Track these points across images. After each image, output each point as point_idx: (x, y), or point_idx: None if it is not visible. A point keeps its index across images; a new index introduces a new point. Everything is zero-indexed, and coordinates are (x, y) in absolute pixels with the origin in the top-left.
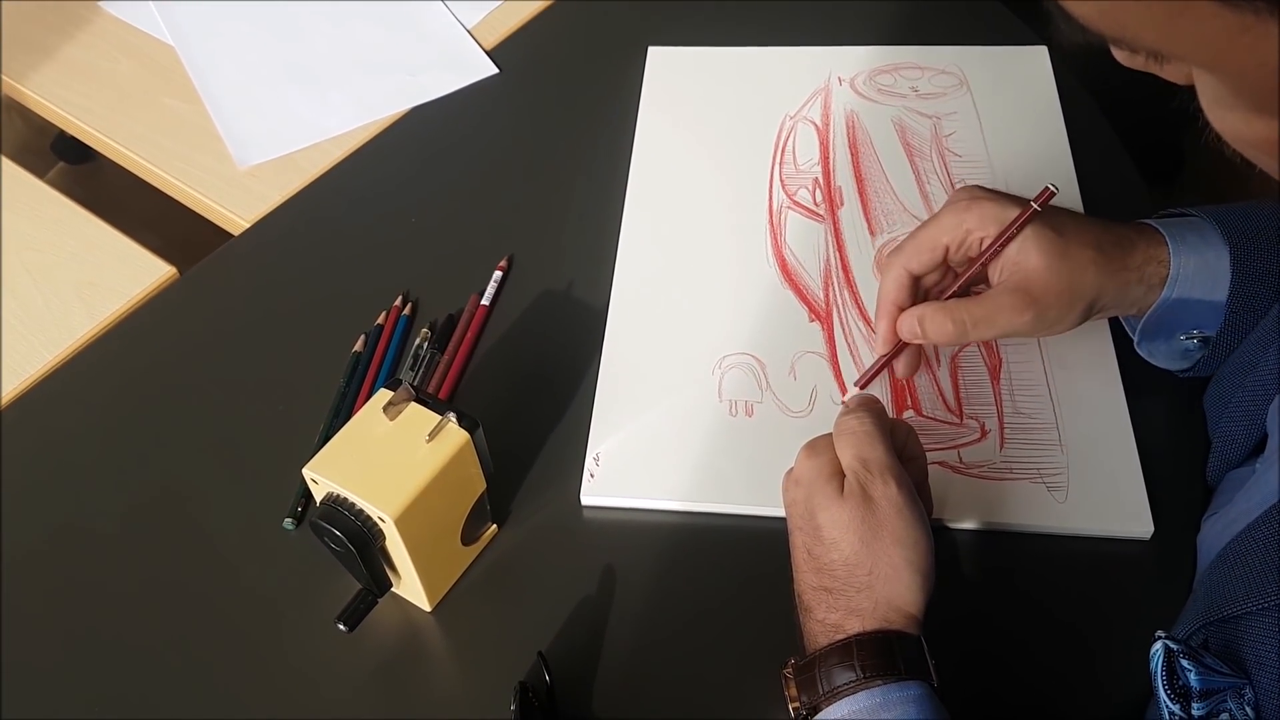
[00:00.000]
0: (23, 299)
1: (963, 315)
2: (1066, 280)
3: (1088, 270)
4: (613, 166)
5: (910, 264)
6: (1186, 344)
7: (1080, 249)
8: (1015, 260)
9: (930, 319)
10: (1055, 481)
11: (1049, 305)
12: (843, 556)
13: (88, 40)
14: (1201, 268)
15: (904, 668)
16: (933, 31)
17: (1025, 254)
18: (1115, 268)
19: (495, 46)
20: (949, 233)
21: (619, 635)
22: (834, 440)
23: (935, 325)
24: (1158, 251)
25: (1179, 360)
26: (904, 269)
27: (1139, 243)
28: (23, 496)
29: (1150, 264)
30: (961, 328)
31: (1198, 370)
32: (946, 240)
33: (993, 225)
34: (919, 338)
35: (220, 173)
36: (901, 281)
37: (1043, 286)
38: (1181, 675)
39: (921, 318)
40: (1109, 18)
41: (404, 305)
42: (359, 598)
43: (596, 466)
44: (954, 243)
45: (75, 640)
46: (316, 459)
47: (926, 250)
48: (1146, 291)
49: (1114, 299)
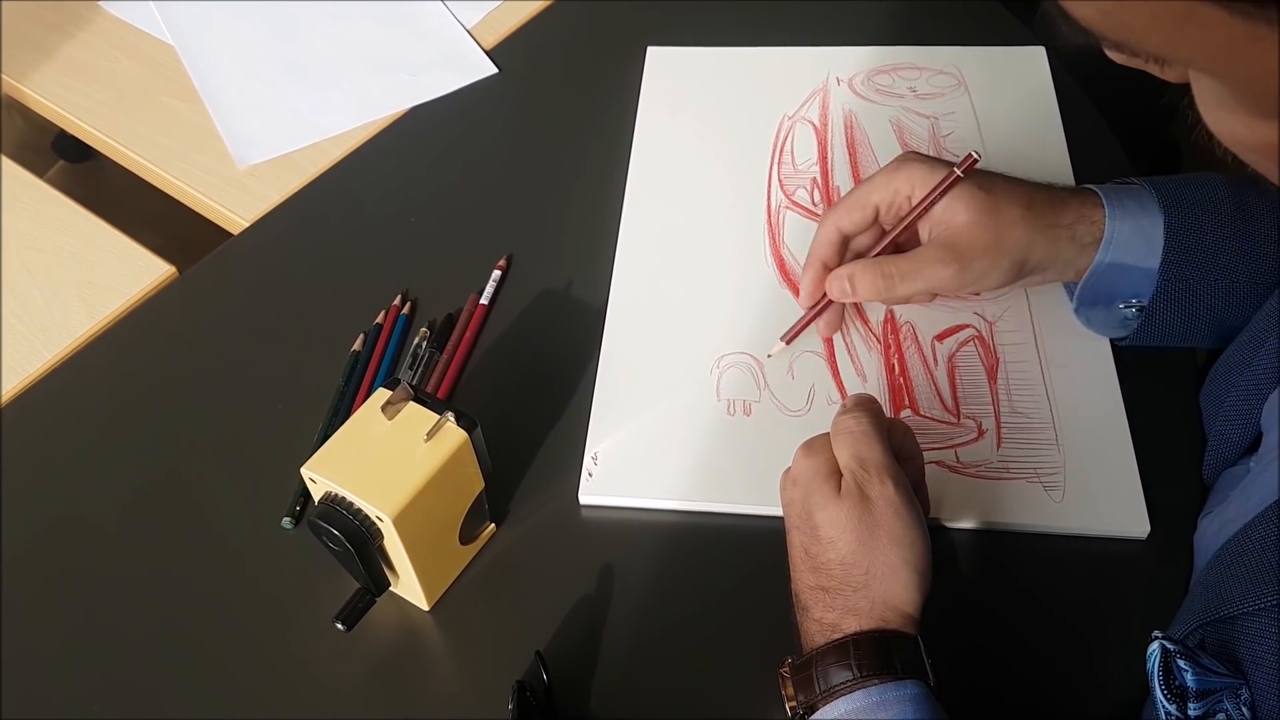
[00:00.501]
0: (23, 298)
1: (890, 269)
2: (993, 235)
3: (1016, 226)
4: (612, 166)
5: (841, 222)
6: (1125, 312)
7: (1009, 206)
8: (943, 218)
9: (859, 275)
10: (1052, 481)
11: (974, 259)
12: (840, 556)
13: (88, 40)
14: (1136, 232)
15: (900, 667)
16: (931, 32)
17: (952, 211)
18: (1044, 224)
19: (495, 46)
20: (878, 191)
21: (617, 634)
22: (831, 440)
23: (864, 281)
24: (1092, 212)
25: (1117, 328)
26: (835, 227)
27: (1072, 202)
28: (22, 495)
29: (1082, 223)
30: (890, 281)
31: (1134, 339)
32: (876, 199)
33: (920, 186)
34: (849, 296)
35: (220, 172)
36: (832, 239)
37: (968, 241)
38: (1178, 675)
39: (851, 275)
40: (1113, 21)
41: (403, 304)
42: (357, 597)
43: (595, 465)
44: (884, 202)
45: (74, 638)
46: (315, 458)
47: (857, 209)
48: (1079, 251)
49: (1045, 256)
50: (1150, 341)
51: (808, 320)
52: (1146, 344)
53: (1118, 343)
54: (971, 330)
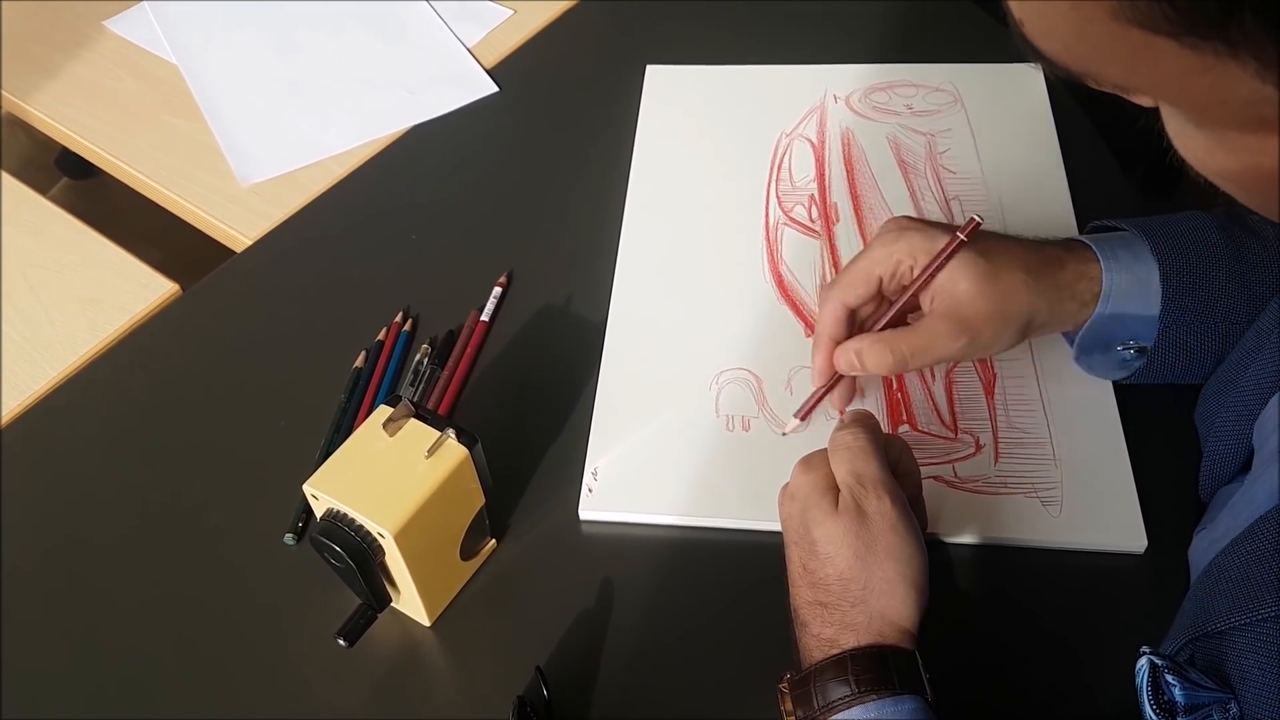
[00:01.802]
0: (27, 315)
1: (901, 346)
2: (997, 303)
3: (1019, 291)
4: (611, 183)
5: (846, 297)
6: (1124, 354)
7: (1010, 271)
8: (945, 288)
9: (868, 352)
10: (1049, 496)
11: (981, 329)
12: (837, 571)
13: (92, 59)
14: (1134, 283)
15: (898, 682)
16: (927, 49)
17: (954, 281)
18: (1046, 286)
19: (495, 65)
20: (881, 264)
21: (617, 649)
22: (829, 455)
23: (874, 357)
24: (1089, 269)
25: (1117, 370)
26: (840, 303)
27: (1069, 261)
28: (25, 511)
29: (1081, 280)
30: (901, 358)
31: (1136, 379)
32: (879, 272)
33: (921, 254)
34: (857, 370)
35: (223, 190)
36: (838, 316)
37: (973, 311)
38: (1166, 690)
39: (859, 351)
40: (1074, 55)
41: (404, 321)
42: (359, 613)
43: (594, 481)
44: (886, 273)
45: (77, 654)
46: (317, 475)
47: (861, 283)
48: (1080, 308)
49: (1048, 317)
50: (1153, 381)
51: (819, 396)
52: (1149, 383)
53: (1120, 383)
54: None
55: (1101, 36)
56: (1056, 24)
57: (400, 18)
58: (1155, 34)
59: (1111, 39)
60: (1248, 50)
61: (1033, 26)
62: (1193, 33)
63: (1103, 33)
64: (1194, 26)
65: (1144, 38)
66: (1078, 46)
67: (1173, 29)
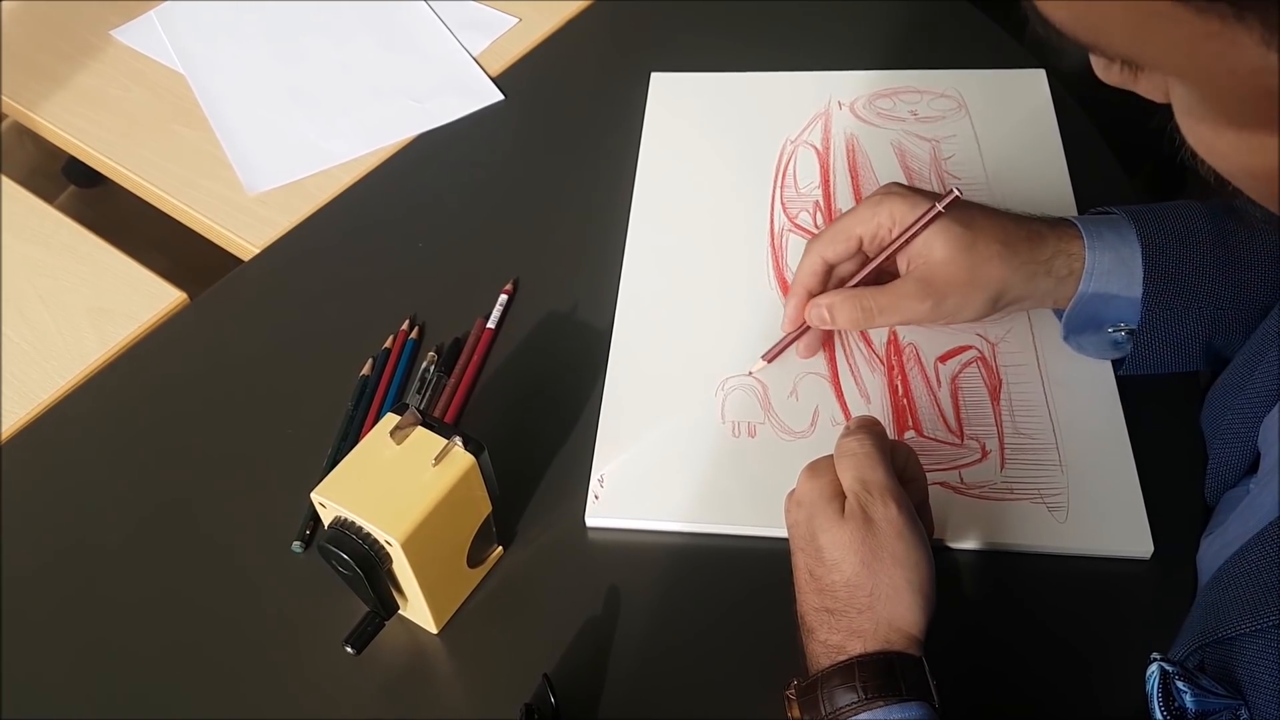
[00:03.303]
0: (35, 324)
1: (869, 303)
2: (968, 272)
3: (991, 263)
4: (616, 190)
5: (825, 252)
6: (1114, 336)
7: (986, 244)
8: (921, 252)
9: (839, 306)
10: (1055, 502)
11: (947, 295)
12: (844, 578)
13: (99, 68)
14: (1118, 264)
15: (906, 688)
16: (931, 55)
17: (930, 247)
18: (1020, 260)
19: (501, 73)
20: (862, 224)
21: (624, 656)
22: (835, 462)
23: (843, 312)
24: (1069, 245)
25: (1109, 351)
26: (820, 256)
27: (1050, 237)
28: (34, 520)
29: (1059, 257)
30: (868, 314)
31: (1129, 369)
32: (860, 231)
33: (901, 219)
34: (827, 323)
35: (230, 199)
36: (816, 268)
37: (944, 278)
38: (1177, 697)
39: (830, 305)
40: (1083, 22)
41: (411, 329)
42: (366, 620)
43: (601, 488)
44: (867, 234)
45: (85, 662)
46: (324, 483)
47: (841, 240)
48: (1056, 284)
49: (1021, 291)
50: (1145, 370)
51: (787, 342)
52: (1142, 372)
53: (1116, 369)
54: (974, 351)
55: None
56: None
57: (406, 26)
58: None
59: (1121, 4)
60: (1254, 14)
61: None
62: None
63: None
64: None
65: (1152, 3)
66: (1087, 15)
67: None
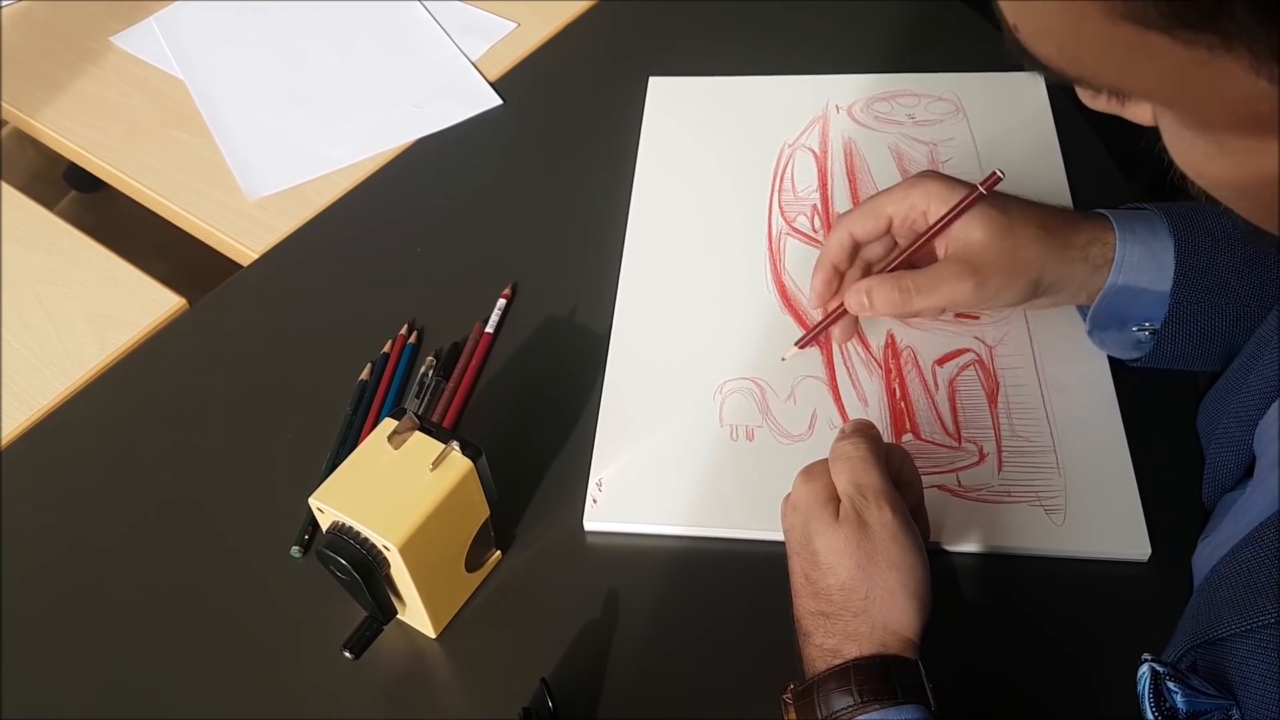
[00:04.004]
0: (35, 330)
1: (907, 283)
2: (1010, 254)
3: (1030, 245)
4: (615, 194)
5: (854, 228)
6: (1138, 335)
7: (1024, 226)
8: (960, 235)
9: (877, 289)
10: (1053, 504)
11: (989, 275)
12: (839, 581)
13: (99, 75)
14: (1148, 256)
15: (901, 691)
16: (929, 59)
17: (970, 229)
18: (1058, 244)
19: (499, 78)
20: (895, 204)
21: (622, 660)
22: (830, 466)
23: (881, 295)
24: (1103, 234)
25: (1130, 349)
26: (848, 232)
27: (1084, 225)
28: (34, 525)
29: (1095, 245)
30: (907, 295)
31: (1147, 361)
32: (892, 211)
33: (937, 202)
34: (866, 310)
35: (229, 204)
36: (844, 243)
37: (985, 258)
38: (1168, 698)
39: (869, 289)
40: (1068, 56)
41: (410, 333)
42: (364, 625)
43: (599, 492)
44: (899, 214)
45: (83, 665)
46: (322, 488)
47: (871, 217)
48: (1092, 272)
49: (1058, 276)
50: (1163, 364)
51: (823, 325)
52: (1159, 366)
53: (1130, 363)
54: (972, 354)
55: (1096, 36)
56: (1050, 25)
57: (405, 32)
58: (1149, 30)
59: (1106, 38)
60: (1242, 43)
61: (1026, 30)
62: (1186, 26)
63: (1097, 32)
64: (1187, 20)
65: (1138, 35)
66: (1072, 48)
67: (1166, 24)
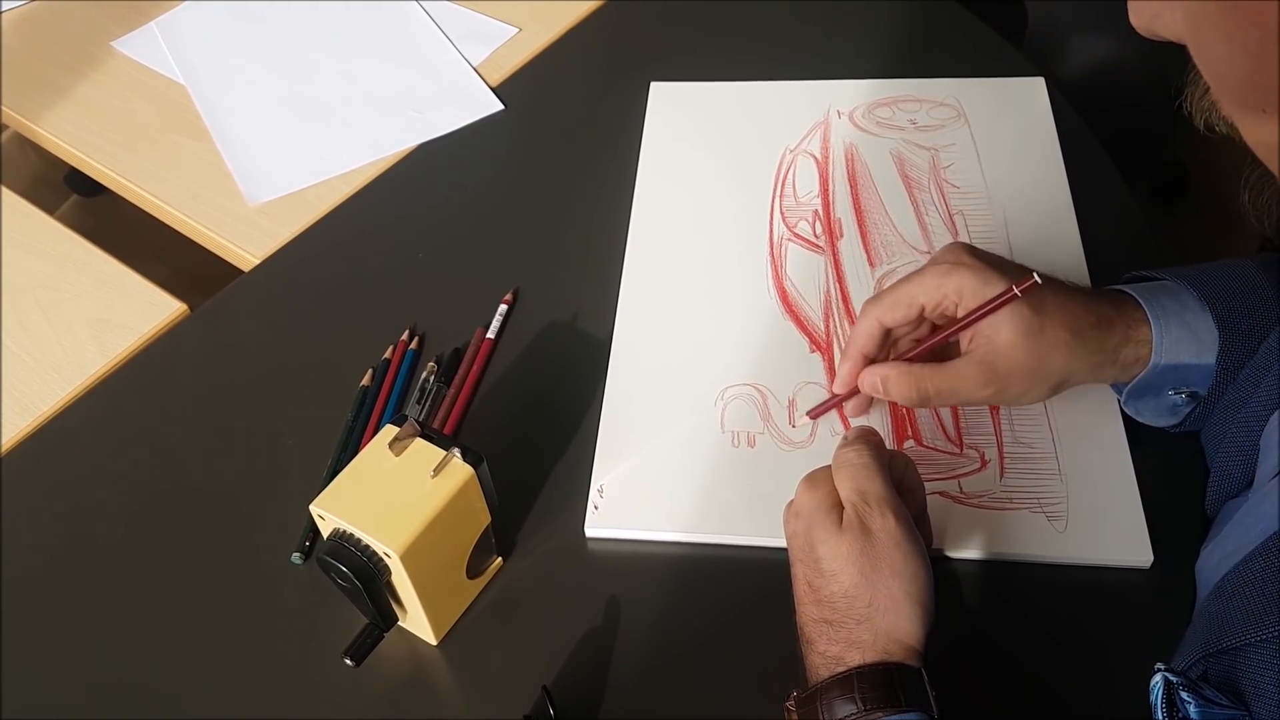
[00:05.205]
0: (36, 335)
1: (926, 384)
2: (1035, 360)
3: (1059, 352)
4: (616, 200)
5: (884, 317)
6: (1174, 399)
7: (1055, 330)
8: (986, 334)
9: (895, 381)
10: (1055, 511)
11: (1010, 382)
12: (842, 589)
13: (100, 80)
14: (1184, 331)
15: (905, 699)
16: (930, 64)
17: (996, 329)
18: (1088, 350)
19: (501, 83)
20: (927, 294)
21: (623, 667)
22: (833, 472)
23: (899, 387)
24: (1136, 332)
25: (1167, 417)
26: (878, 321)
27: (1118, 324)
28: (34, 531)
29: (1127, 345)
30: (924, 395)
31: (1187, 425)
32: (924, 301)
33: (970, 297)
34: (879, 394)
35: (231, 210)
36: (873, 332)
37: (1008, 364)
38: (1181, 707)
39: (886, 378)
40: None
41: (411, 339)
42: (366, 632)
43: (600, 498)
44: (930, 304)
45: (83, 671)
46: (323, 495)
47: (903, 307)
48: (1121, 371)
49: (1085, 378)
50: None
51: (834, 403)
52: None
53: (1170, 430)
54: None
55: None
56: None
57: (406, 37)
58: None
59: None
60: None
61: None
62: None
63: None
64: None
65: None
66: None
67: None
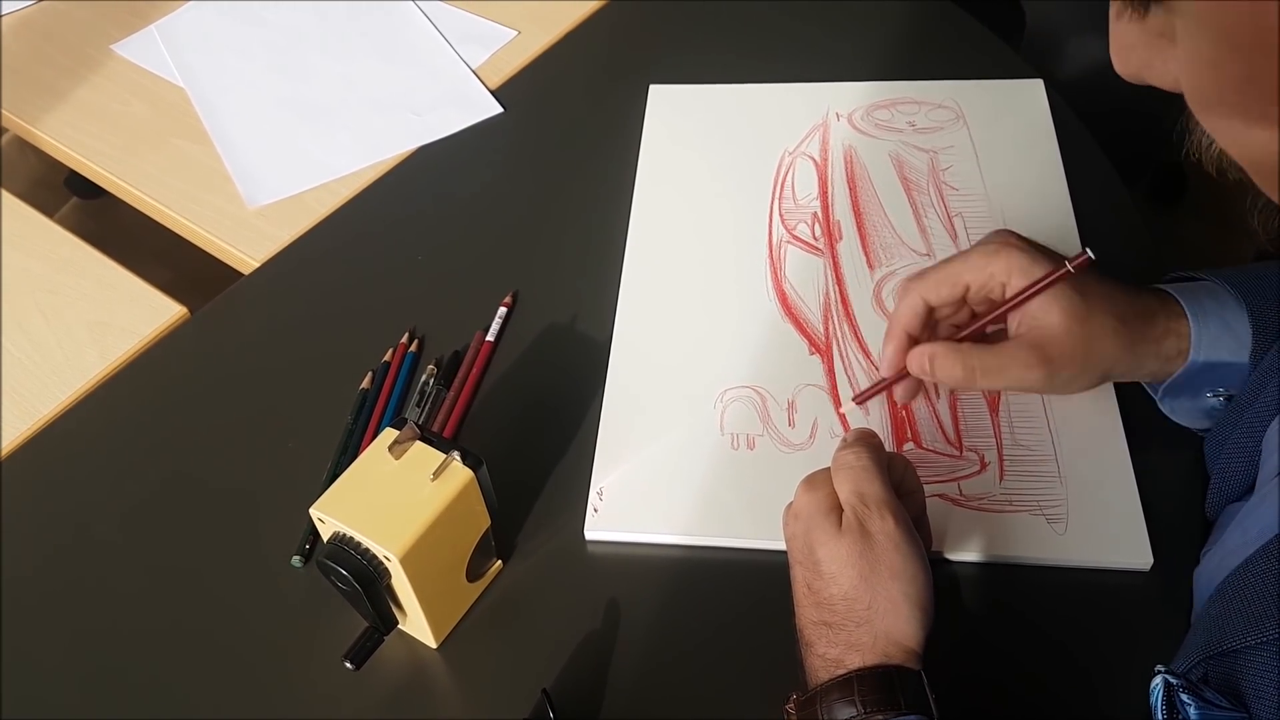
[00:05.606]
0: (36, 339)
1: (974, 362)
2: (1084, 345)
3: (1106, 339)
4: (615, 202)
5: (929, 294)
6: (1212, 402)
7: (1102, 315)
8: (1036, 316)
9: (941, 359)
10: (1055, 513)
11: (1062, 366)
12: (841, 591)
13: (100, 83)
14: (1223, 329)
15: (904, 702)
16: (929, 66)
17: (1047, 311)
18: (1134, 339)
19: (500, 86)
20: (973, 273)
21: (623, 670)
22: (832, 475)
23: (945, 366)
24: (1177, 324)
25: (1202, 419)
26: (921, 298)
27: (1160, 315)
28: (34, 534)
29: (1169, 337)
30: (971, 374)
31: None
32: (969, 279)
33: (1018, 275)
34: (927, 375)
35: (230, 213)
36: (917, 309)
37: (1059, 347)
38: (1181, 709)
39: (933, 356)
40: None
41: (410, 342)
42: (365, 635)
43: (600, 501)
44: (976, 283)
45: (83, 675)
46: (323, 499)
47: (947, 285)
48: (1162, 364)
49: (1127, 368)
50: None
51: (883, 386)
52: None
53: (1201, 433)
54: None
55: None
56: None
57: (405, 40)
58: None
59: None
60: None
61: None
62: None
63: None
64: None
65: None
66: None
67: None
